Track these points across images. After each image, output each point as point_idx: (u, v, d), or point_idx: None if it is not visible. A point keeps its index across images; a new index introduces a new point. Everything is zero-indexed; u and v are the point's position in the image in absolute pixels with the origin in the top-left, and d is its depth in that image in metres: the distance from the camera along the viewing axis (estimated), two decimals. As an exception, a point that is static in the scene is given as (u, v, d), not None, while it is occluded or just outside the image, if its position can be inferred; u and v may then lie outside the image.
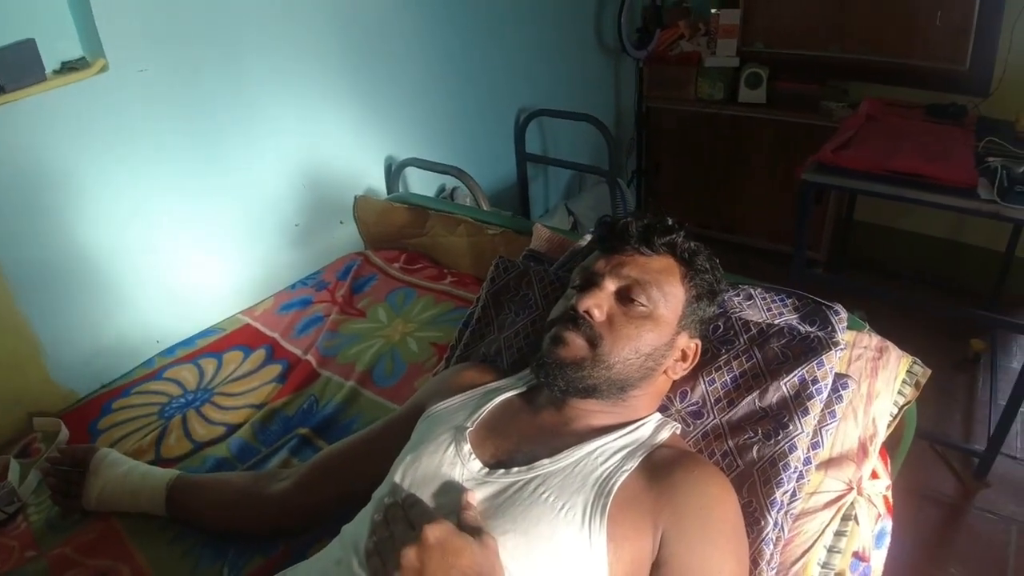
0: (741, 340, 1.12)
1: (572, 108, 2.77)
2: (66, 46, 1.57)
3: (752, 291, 1.23)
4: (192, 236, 1.85)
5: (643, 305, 1.00)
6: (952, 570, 1.91)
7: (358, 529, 0.92)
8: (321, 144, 2.13)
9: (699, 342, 1.08)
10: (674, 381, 1.09)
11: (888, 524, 1.21)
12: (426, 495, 0.90)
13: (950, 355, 2.69)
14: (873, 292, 2.62)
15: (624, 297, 1.01)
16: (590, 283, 1.03)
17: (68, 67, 1.56)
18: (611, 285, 1.02)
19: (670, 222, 1.09)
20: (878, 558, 1.17)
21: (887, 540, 1.21)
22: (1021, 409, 2.28)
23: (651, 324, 1.00)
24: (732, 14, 3.07)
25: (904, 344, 1.23)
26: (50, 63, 1.53)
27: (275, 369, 1.69)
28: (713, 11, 3.14)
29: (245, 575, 1.18)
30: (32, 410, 1.67)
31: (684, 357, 1.06)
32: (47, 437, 1.60)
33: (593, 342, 0.98)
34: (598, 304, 0.99)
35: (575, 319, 0.99)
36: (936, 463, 2.26)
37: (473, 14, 2.51)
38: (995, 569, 1.91)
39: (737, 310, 1.19)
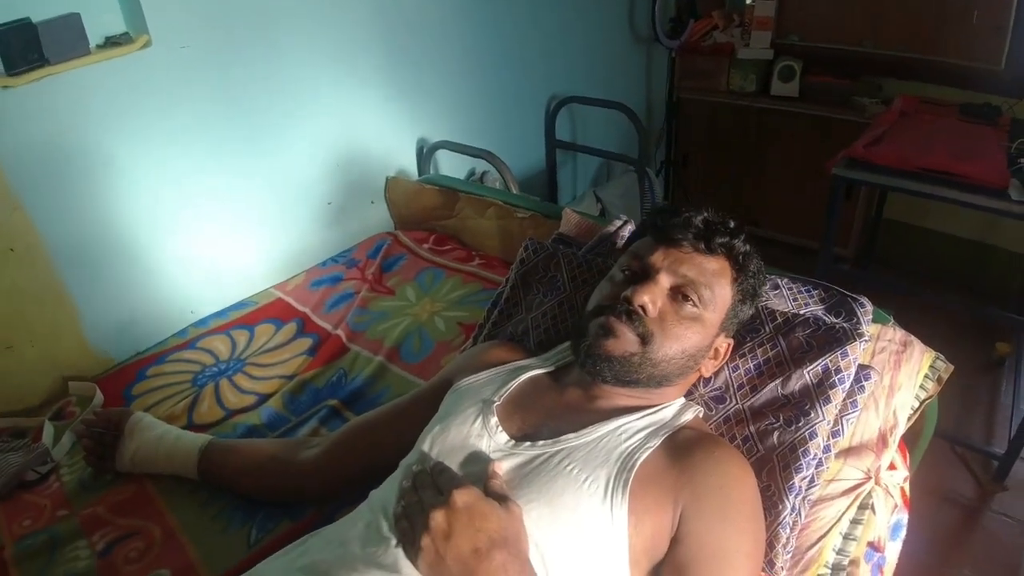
0: (767, 328, 1.14)
1: (603, 96, 2.78)
2: (110, 21, 1.60)
3: (779, 281, 1.25)
4: (228, 211, 1.90)
5: (695, 306, 0.99)
6: (965, 571, 1.92)
7: (387, 494, 0.94)
8: (355, 125, 2.16)
9: (732, 341, 1.09)
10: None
11: (904, 517, 1.23)
12: (453, 464, 0.93)
13: (975, 357, 2.68)
14: (900, 289, 2.61)
15: (677, 294, 1.00)
16: (645, 275, 1.01)
17: (112, 42, 1.59)
18: (666, 281, 1.00)
19: (732, 224, 1.08)
20: (893, 550, 1.19)
21: (903, 533, 1.22)
22: (1042, 413, 2.29)
23: (699, 326, 1.00)
24: (767, 6, 3.05)
25: (929, 344, 1.24)
26: (94, 37, 1.57)
27: (306, 342, 1.73)
28: (748, 2, 3.13)
29: (273, 538, 1.21)
30: (68, 374, 1.72)
31: (716, 355, 1.07)
32: (82, 401, 1.65)
33: (645, 339, 0.97)
34: (653, 300, 0.98)
35: (628, 311, 0.98)
36: (955, 464, 2.26)
37: (504, 4, 2.52)
38: (1008, 572, 1.92)
39: (764, 299, 1.20)
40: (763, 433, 1.05)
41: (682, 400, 1.05)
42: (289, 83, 1.94)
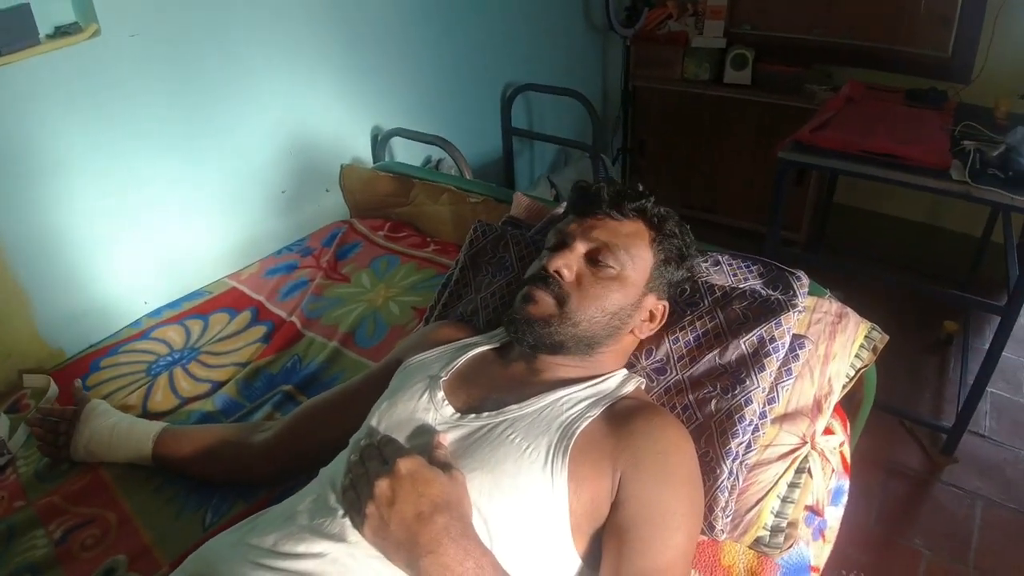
0: (706, 302, 1.17)
1: (559, 84, 2.80)
2: (60, 10, 1.58)
3: (720, 257, 1.28)
4: (180, 201, 1.88)
5: (611, 267, 1.04)
6: (917, 540, 1.98)
7: (335, 469, 0.96)
8: (308, 112, 2.15)
9: (667, 304, 1.12)
10: (641, 340, 1.13)
11: (846, 483, 1.27)
12: (401, 438, 0.95)
13: (924, 336, 2.76)
14: (847, 269, 2.67)
15: (593, 259, 1.05)
16: (562, 244, 1.07)
17: (61, 31, 1.58)
18: (581, 247, 1.06)
19: (640, 188, 1.13)
20: (834, 515, 1.23)
21: (844, 499, 1.27)
22: (988, 388, 2.35)
23: (618, 285, 1.04)
24: (720, -4, 3.11)
25: (879, 324, 1.28)
26: (44, 27, 1.55)
27: (260, 330, 1.73)
28: (702, -9, 3.17)
29: (227, 520, 1.21)
30: (21, 367, 1.70)
31: (652, 318, 1.10)
32: (36, 393, 1.63)
33: (561, 300, 1.02)
34: (567, 264, 1.03)
35: (546, 278, 1.03)
36: (905, 439, 2.33)
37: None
38: (959, 541, 1.98)
39: (704, 275, 1.23)
40: (701, 401, 1.08)
41: (624, 372, 1.08)
42: (241, 70, 1.93)
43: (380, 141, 2.34)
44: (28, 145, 1.58)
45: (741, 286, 1.19)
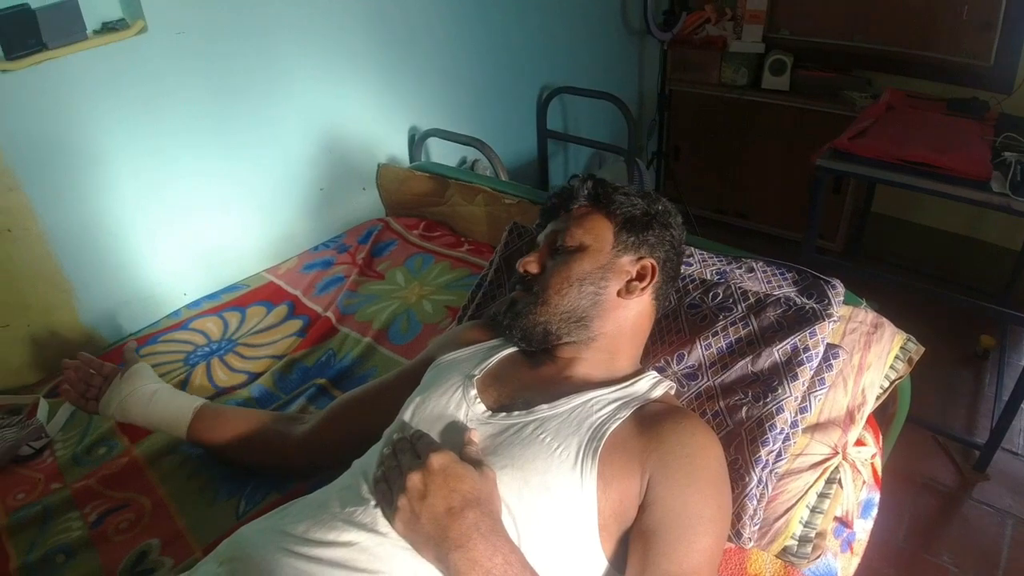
0: (739, 308, 1.17)
1: (595, 87, 2.80)
2: (107, 7, 1.63)
3: (754, 264, 1.28)
4: (220, 195, 1.92)
5: (567, 245, 1.09)
6: (945, 557, 1.95)
7: (368, 461, 0.98)
8: (346, 111, 2.19)
9: (653, 261, 1.10)
10: (672, 344, 1.14)
11: (876, 496, 1.26)
12: (433, 433, 0.96)
13: (959, 350, 2.71)
14: (884, 279, 2.63)
15: (553, 248, 1.10)
16: (529, 249, 1.16)
17: (108, 27, 1.62)
18: (544, 243, 1.13)
19: (577, 178, 1.18)
20: (863, 527, 1.22)
21: (874, 512, 1.26)
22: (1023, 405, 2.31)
23: (577, 255, 1.08)
24: (760, 0, 3.08)
25: (914, 336, 1.27)
26: (91, 23, 1.59)
27: (296, 324, 1.76)
28: (740, -5, 3.16)
29: (260, 510, 1.23)
30: (62, 353, 1.74)
31: (640, 277, 1.09)
32: (77, 379, 1.68)
33: (529, 286, 1.09)
34: (530, 260, 1.10)
35: (519, 280, 1.12)
36: (937, 454, 2.29)
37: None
38: (988, 560, 1.94)
39: (738, 281, 1.23)
40: (732, 408, 1.08)
41: (654, 374, 1.08)
42: (281, 69, 1.97)
43: (416, 141, 2.36)
44: (73, 137, 1.62)
45: (775, 293, 1.19)
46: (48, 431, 1.52)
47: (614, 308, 1.07)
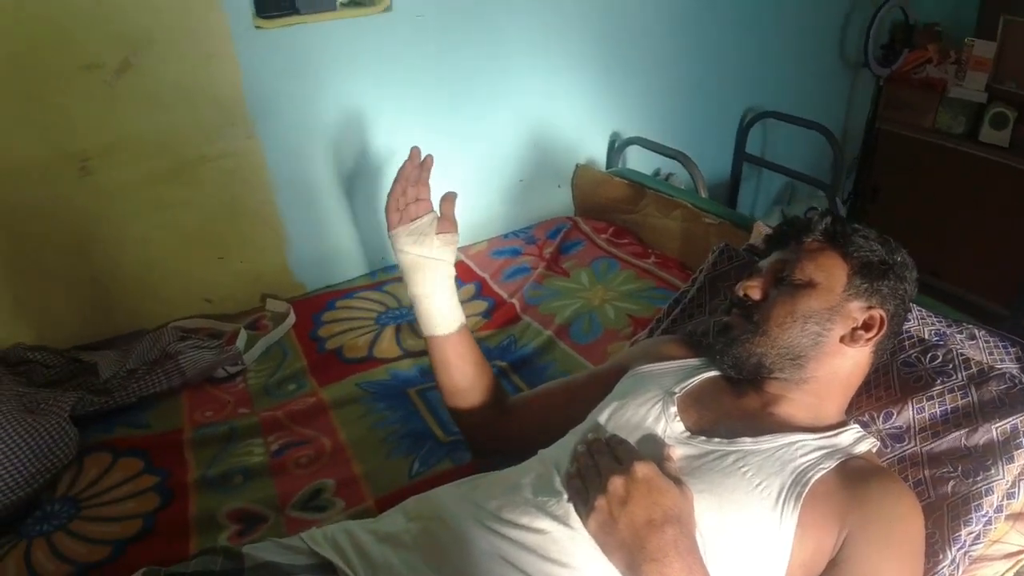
0: (959, 376, 1.12)
1: (798, 114, 2.72)
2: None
3: (976, 332, 1.22)
4: (433, 175, 2.03)
5: (797, 277, 1.04)
6: None
7: (558, 453, 1.01)
8: (555, 110, 2.25)
9: (883, 313, 1.05)
10: (880, 400, 1.10)
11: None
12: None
13: None
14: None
15: (779, 277, 1.06)
16: (748, 272, 1.11)
17: (355, 2, 1.77)
18: (767, 269, 1.09)
19: (819, 211, 1.13)
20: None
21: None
22: None
23: (807, 290, 1.03)
24: (987, 47, 2.86)
25: None
26: (342, -4, 1.74)
27: (482, 305, 1.85)
28: (967, 40, 2.95)
29: (433, 474, 1.31)
30: (267, 291, 1.92)
31: (867, 327, 1.04)
32: (275, 317, 1.84)
33: (749, 314, 1.05)
34: (752, 285, 1.06)
35: (734, 304, 1.08)
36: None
37: (720, 8, 2.53)
38: None
39: (959, 346, 1.18)
40: (937, 480, 1.04)
41: (858, 428, 1.05)
42: (502, 62, 2.06)
43: (617, 147, 2.39)
44: (308, 96, 1.78)
45: (999, 366, 1.13)
46: (244, 359, 1.65)
47: (833, 353, 1.04)
